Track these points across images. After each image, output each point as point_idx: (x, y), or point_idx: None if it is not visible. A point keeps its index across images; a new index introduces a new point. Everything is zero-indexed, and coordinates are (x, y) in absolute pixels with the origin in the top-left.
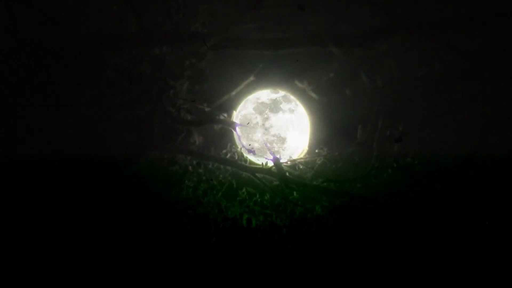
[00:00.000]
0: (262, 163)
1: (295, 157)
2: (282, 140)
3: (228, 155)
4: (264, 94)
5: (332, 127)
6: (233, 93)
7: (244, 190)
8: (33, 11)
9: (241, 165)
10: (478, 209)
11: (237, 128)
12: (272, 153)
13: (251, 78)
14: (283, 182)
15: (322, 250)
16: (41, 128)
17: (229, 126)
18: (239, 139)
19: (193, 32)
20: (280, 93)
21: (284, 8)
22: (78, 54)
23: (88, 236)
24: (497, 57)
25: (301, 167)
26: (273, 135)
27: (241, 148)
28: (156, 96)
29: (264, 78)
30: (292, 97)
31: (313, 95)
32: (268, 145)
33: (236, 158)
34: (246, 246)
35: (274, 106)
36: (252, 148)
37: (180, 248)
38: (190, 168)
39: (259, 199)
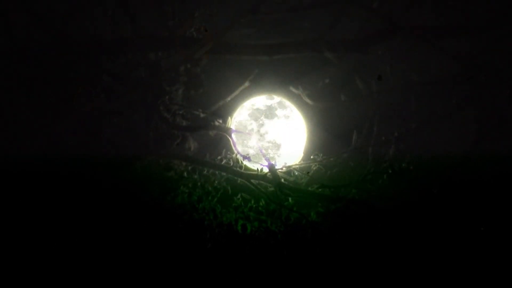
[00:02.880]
0: (258, 169)
1: (290, 163)
2: (277, 146)
3: (224, 161)
4: (259, 100)
5: (327, 132)
6: (229, 99)
7: (239, 196)
8: (29, 15)
9: (236, 171)
10: (474, 213)
11: (233, 134)
12: (267, 159)
13: (247, 84)
14: (278, 188)
15: (317, 256)
16: (37, 132)
17: (225, 132)
18: (235, 145)
19: (189, 37)
20: (276, 99)
21: (280, 14)
22: (74, 59)
23: (83, 241)
24: (492, 62)
25: (296, 173)
26: (269, 142)
27: (236, 154)
28: (152, 101)
29: (260, 84)
30: (287, 103)
31: (308, 100)
32: (264, 151)
33: (232, 164)
34: (242, 252)
35: (270, 113)
36: (248, 154)
37: (175, 253)
38: (185, 173)
39: (254, 205)
